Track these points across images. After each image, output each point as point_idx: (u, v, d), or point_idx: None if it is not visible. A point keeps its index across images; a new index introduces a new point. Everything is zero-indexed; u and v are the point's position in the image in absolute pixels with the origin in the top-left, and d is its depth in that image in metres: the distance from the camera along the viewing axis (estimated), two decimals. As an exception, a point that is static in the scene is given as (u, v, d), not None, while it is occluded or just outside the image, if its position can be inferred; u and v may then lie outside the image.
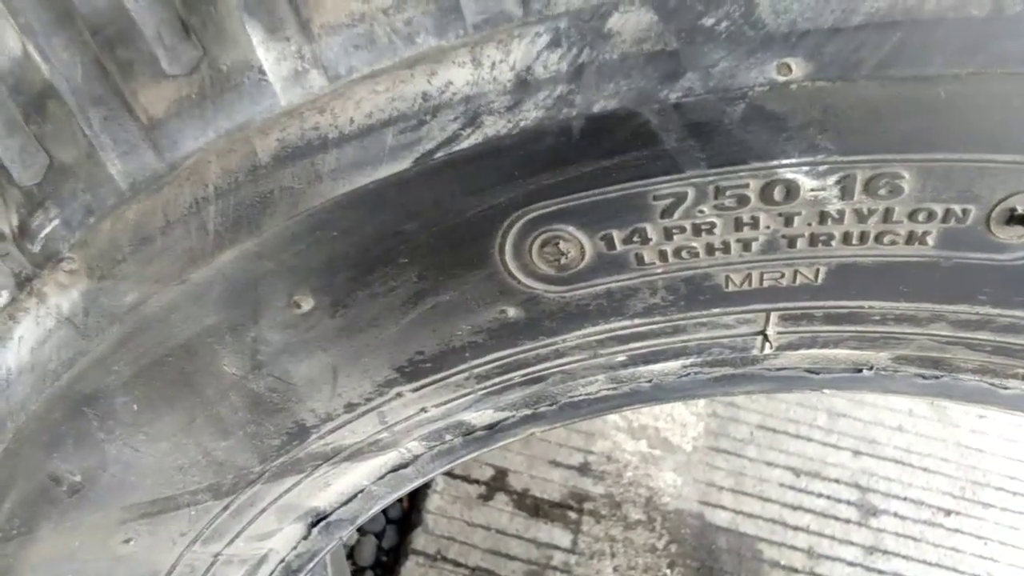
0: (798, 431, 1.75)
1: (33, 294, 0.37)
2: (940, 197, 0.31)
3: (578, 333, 0.38)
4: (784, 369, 0.41)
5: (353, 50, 0.31)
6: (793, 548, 1.59)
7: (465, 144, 0.32)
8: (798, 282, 0.35)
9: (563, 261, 0.35)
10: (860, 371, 0.41)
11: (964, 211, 0.31)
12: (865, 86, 0.29)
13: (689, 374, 0.42)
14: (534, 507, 1.60)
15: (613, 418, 1.73)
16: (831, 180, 0.31)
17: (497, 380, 0.41)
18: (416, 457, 0.46)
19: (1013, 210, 0.31)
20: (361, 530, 1.60)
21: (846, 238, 0.33)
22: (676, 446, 1.70)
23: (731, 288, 0.35)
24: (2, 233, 0.37)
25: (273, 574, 0.52)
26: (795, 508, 1.65)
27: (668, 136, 0.31)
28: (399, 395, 0.41)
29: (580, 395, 0.43)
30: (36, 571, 0.46)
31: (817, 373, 0.41)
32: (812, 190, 0.32)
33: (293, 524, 0.49)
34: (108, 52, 0.33)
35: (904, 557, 1.58)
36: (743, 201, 0.32)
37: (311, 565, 0.53)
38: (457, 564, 1.53)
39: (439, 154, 0.32)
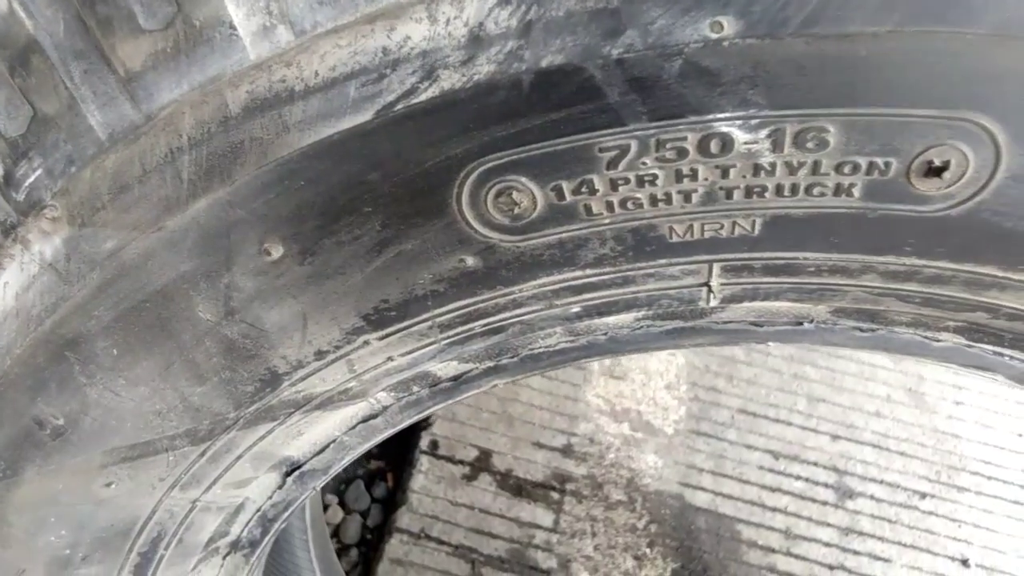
0: (778, 415, 1.77)
1: (17, 241, 0.39)
2: (863, 150, 0.33)
3: (533, 283, 0.40)
4: (731, 322, 0.44)
5: (318, 6, 0.33)
6: (771, 529, 1.61)
7: (423, 97, 0.34)
8: (736, 233, 0.37)
9: (516, 211, 0.37)
10: (801, 324, 0.43)
11: (886, 164, 0.34)
12: (791, 43, 0.31)
13: (642, 327, 0.44)
14: (517, 487, 1.62)
15: (596, 401, 1.75)
16: (763, 134, 0.33)
17: (459, 329, 0.43)
18: (385, 408, 0.48)
19: (931, 163, 0.33)
20: (346, 509, 1.62)
21: (779, 190, 0.35)
22: (658, 429, 1.72)
23: (675, 239, 0.38)
24: (-18, 184, 0.39)
25: (250, 523, 0.54)
26: (773, 490, 1.67)
27: (611, 90, 0.33)
28: (366, 343, 0.43)
29: (540, 347, 0.46)
30: (21, 514, 0.48)
31: (761, 326, 0.44)
32: (745, 143, 0.34)
33: (268, 473, 0.51)
34: (88, 8, 0.35)
35: (879, 538, 1.60)
36: (682, 153, 0.34)
37: (286, 515, 0.55)
38: (440, 542, 1.55)
39: (399, 106, 0.34)
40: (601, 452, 1.68)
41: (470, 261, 0.39)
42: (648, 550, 1.56)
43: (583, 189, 0.36)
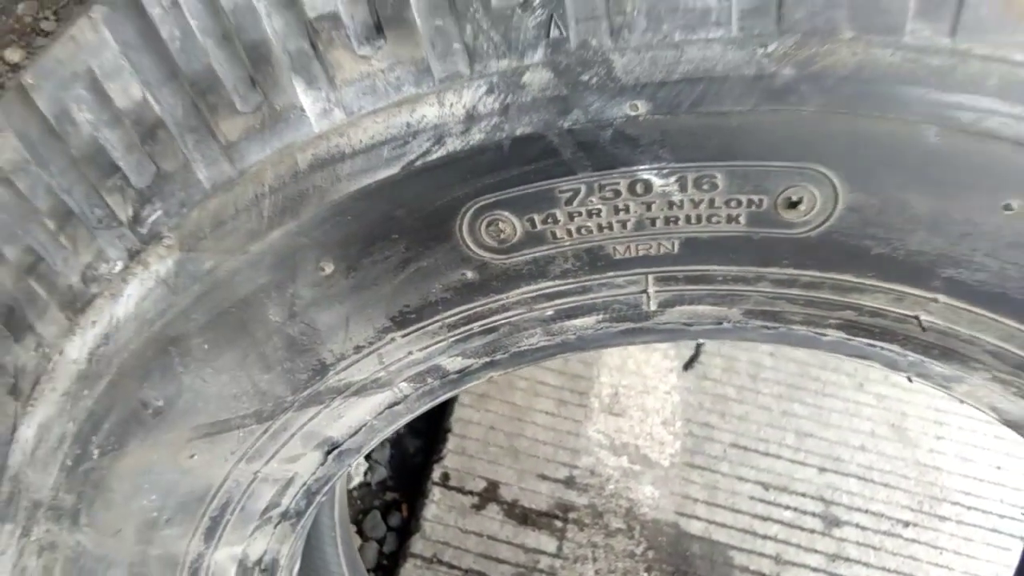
0: (768, 449, 1.86)
1: (140, 263, 0.53)
2: (743, 190, 0.47)
3: (517, 291, 0.54)
4: (668, 323, 0.57)
5: (362, 95, 0.48)
6: (761, 555, 1.69)
7: (434, 156, 0.48)
8: (662, 251, 0.51)
9: (502, 237, 0.51)
10: (721, 324, 0.56)
11: (760, 200, 0.47)
12: (685, 118, 0.45)
13: (602, 328, 0.58)
14: (523, 516, 1.72)
15: (597, 436, 1.85)
16: (672, 179, 0.47)
17: (462, 329, 0.56)
18: (406, 396, 0.62)
19: (790, 198, 0.47)
20: (364, 536, 1.72)
21: (687, 219, 0.49)
22: (655, 462, 1.82)
23: (618, 256, 0.51)
24: (121, 221, 0.53)
25: (297, 495, 0.67)
26: (764, 519, 1.76)
27: (565, 150, 0.47)
28: (392, 340, 0.56)
29: (525, 345, 0.59)
30: (122, 481, 0.61)
31: (691, 326, 0.57)
32: (661, 186, 0.48)
33: (313, 451, 0.64)
34: (201, 98, 0.50)
35: (864, 564, 1.68)
36: (617, 194, 0.48)
37: (326, 488, 0.67)
38: (451, 567, 1.64)
39: (417, 163, 0.48)
40: (601, 483, 1.78)
41: (469, 275, 0.53)
42: (646, 574, 1.65)
43: (549, 220, 0.50)
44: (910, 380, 0.57)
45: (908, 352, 0.55)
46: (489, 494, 1.75)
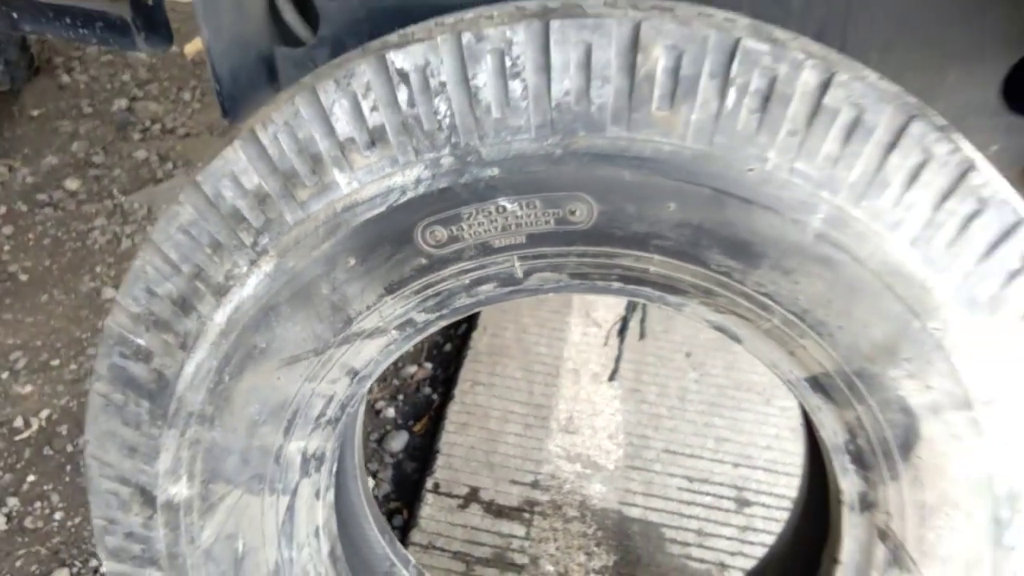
0: (692, 452, 2.30)
1: (255, 266, 1.03)
2: (549, 207, 0.98)
3: (448, 270, 1.02)
4: (532, 285, 1.05)
5: (366, 174, 0.99)
6: (687, 530, 2.12)
7: (402, 201, 0.98)
8: (516, 242, 1.00)
9: (437, 239, 1.00)
10: (559, 283, 1.05)
11: (558, 211, 0.98)
12: (518, 175, 0.97)
13: (496, 290, 1.07)
14: (498, 511, 2.15)
15: (556, 450, 2.30)
16: (515, 204, 0.97)
17: (421, 294, 1.04)
18: (395, 339, 1.11)
19: (572, 210, 0.98)
20: (374, 534, 2.13)
21: (526, 224, 0.98)
22: (602, 466, 2.26)
23: (496, 245, 1.01)
24: (246, 245, 1.04)
25: (335, 407, 1.15)
26: (689, 504, 2.18)
27: (463, 193, 0.98)
28: (386, 302, 1.05)
29: (457, 304, 1.07)
30: (239, 397, 1.09)
31: (543, 285, 1.06)
32: (510, 208, 0.98)
33: (345, 376, 1.12)
34: (288, 181, 1.01)
35: (768, 533, 2.10)
36: (490, 213, 0.98)
37: (352, 403, 1.15)
38: (443, 550, 2.06)
39: (394, 205, 0.99)
40: (560, 484, 2.22)
41: (423, 261, 1.02)
42: (596, 548, 2.07)
43: (459, 229, 0.99)
44: (658, 306, 1.06)
45: (654, 291, 1.05)
46: (471, 497, 2.18)
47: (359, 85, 0.96)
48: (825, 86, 0.92)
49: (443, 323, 1.10)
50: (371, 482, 2.25)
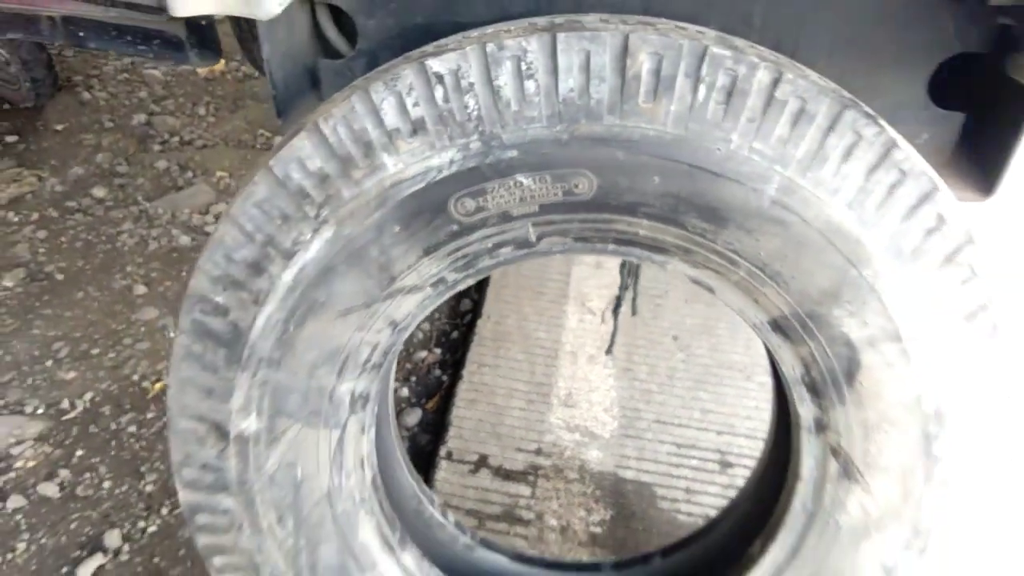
0: (680, 422, 2.53)
1: (318, 233, 1.25)
2: (531, 182, 1.22)
3: (475, 235, 1.27)
4: (544, 248, 1.29)
5: (409, 156, 1.23)
6: (676, 488, 2.33)
7: (439, 178, 1.22)
8: (531, 211, 1.24)
9: (467, 209, 1.24)
10: (564, 245, 1.29)
11: (565, 184, 1.22)
12: (533, 156, 1.21)
13: (514, 252, 1.30)
14: (505, 474, 2.36)
15: (557, 421, 2.52)
16: (530, 179, 1.21)
17: (452, 256, 1.28)
18: (429, 296, 1.34)
19: (576, 183, 1.22)
20: (394, 497, 2.34)
21: (539, 196, 1.22)
22: (599, 435, 2.48)
23: (514, 214, 1.25)
24: (310, 216, 1.26)
25: (378, 353, 1.38)
26: (677, 466, 2.40)
27: (487, 171, 1.22)
28: (423, 263, 1.28)
29: (481, 264, 1.31)
30: (302, 342, 1.31)
31: (553, 247, 1.29)
32: (526, 183, 1.22)
33: (387, 327, 1.35)
34: (344, 164, 1.25)
35: (749, 490, 2.31)
36: (510, 187, 1.22)
37: (392, 350, 1.38)
38: (458, 508, 2.28)
39: (431, 181, 1.22)
40: (561, 451, 2.44)
41: (455, 228, 1.26)
42: (594, 504, 2.28)
43: (484, 200, 1.23)
44: (637, 264, 1.30)
45: (643, 251, 1.28)
46: (481, 463, 2.39)
47: (403, 86, 1.19)
48: (776, 83, 1.17)
49: (468, 282, 1.33)
50: (389, 452, 2.45)
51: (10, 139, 3.58)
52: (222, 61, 4.25)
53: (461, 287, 1.35)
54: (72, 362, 2.61)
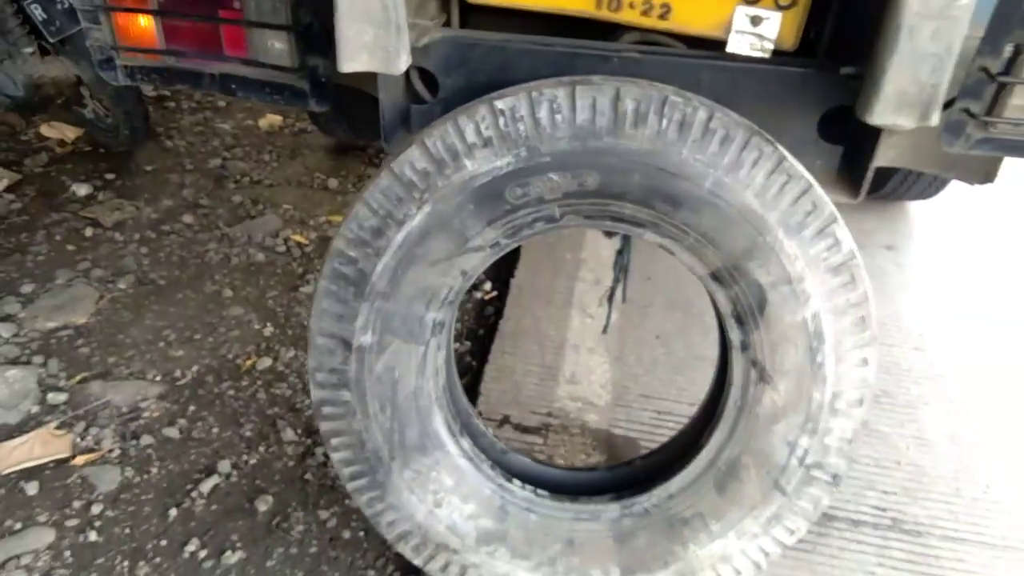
0: (661, 396, 3.12)
1: (420, 209, 1.96)
2: (570, 179, 1.93)
3: (520, 212, 1.94)
4: (565, 223, 1.97)
5: (481, 160, 1.94)
6: (655, 442, 2.89)
7: (500, 174, 1.92)
8: (555, 196, 1.92)
9: (517, 195, 1.95)
10: (574, 222, 1.98)
11: (574, 180, 1.93)
12: (555, 163, 1.93)
13: (545, 226, 1.99)
14: (524, 429, 2.93)
15: (562, 394, 3.18)
16: (557, 176, 1.93)
17: (503, 226, 1.96)
18: (488, 254, 2.03)
19: (585, 178, 1.93)
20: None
21: (561, 188, 1.93)
22: (596, 404, 3.12)
23: (546, 199, 1.93)
24: (415, 198, 1.97)
25: (452, 292, 2.05)
26: (658, 426, 3.02)
27: (532, 170, 1.94)
28: (486, 231, 1.97)
29: (523, 235, 2.00)
30: (407, 284, 1.99)
31: (567, 224, 1.98)
32: (556, 178, 1.94)
33: (460, 275, 2.01)
34: (441, 166, 1.97)
35: (713, 444, 2.97)
36: (545, 180, 1.94)
37: (460, 294, 2.05)
38: (487, 451, 2.92)
39: (496, 175, 1.93)
40: (566, 414, 3.07)
41: (508, 207, 1.95)
42: (592, 451, 2.94)
43: (528, 189, 1.93)
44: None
45: (629, 225, 1.99)
46: (504, 420, 2.94)
47: (479, 116, 1.93)
48: (710, 118, 1.90)
49: (512, 246, 2.04)
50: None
51: (109, 176, 4.33)
52: (280, 117, 5.05)
53: (509, 249, 2.06)
54: (179, 344, 3.30)
